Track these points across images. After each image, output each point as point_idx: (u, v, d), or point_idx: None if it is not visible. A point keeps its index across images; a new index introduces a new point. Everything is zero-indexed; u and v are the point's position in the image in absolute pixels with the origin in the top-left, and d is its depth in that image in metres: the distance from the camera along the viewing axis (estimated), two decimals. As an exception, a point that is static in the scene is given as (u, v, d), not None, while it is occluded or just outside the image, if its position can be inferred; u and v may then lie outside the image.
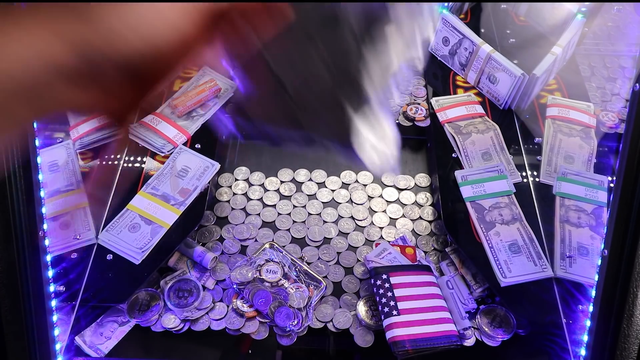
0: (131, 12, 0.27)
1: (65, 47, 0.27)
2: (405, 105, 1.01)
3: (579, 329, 0.73)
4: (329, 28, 0.34)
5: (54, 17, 0.27)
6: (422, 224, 0.90)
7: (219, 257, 0.84)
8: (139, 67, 0.29)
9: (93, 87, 0.29)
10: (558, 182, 0.88)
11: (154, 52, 0.28)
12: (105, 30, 0.27)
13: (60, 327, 0.70)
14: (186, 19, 0.28)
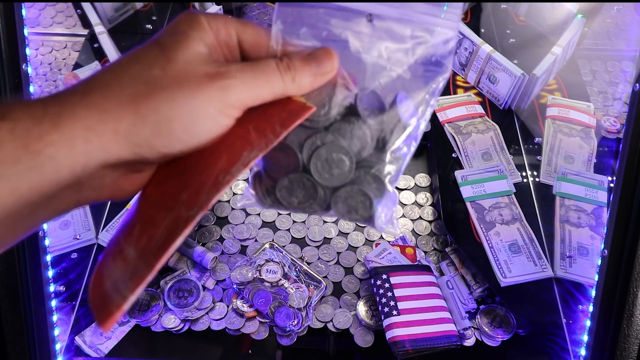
0: (190, 116, 0.30)
1: (122, 145, 0.30)
2: None
3: (579, 329, 0.73)
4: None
5: (120, 119, 0.30)
6: (422, 224, 0.90)
7: (219, 257, 0.84)
8: (178, 154, 0.32)
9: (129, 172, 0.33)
10: (558, 182, 0.88)
11: (197, 144, 0.32)
12: (165, 132, 0.30)
13: (60, 327, 0.70)
14: (226, 114, 0.32)
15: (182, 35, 0.32)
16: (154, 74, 0.31)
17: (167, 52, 0.32)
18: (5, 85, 0.61)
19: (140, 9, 1.16)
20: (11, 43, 0.62)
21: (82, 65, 1.04)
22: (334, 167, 0.36)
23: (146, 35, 1.11)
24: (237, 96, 0.31)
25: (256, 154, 0.32)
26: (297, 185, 0.37)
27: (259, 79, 0.32)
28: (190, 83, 0.31)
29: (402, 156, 0.38)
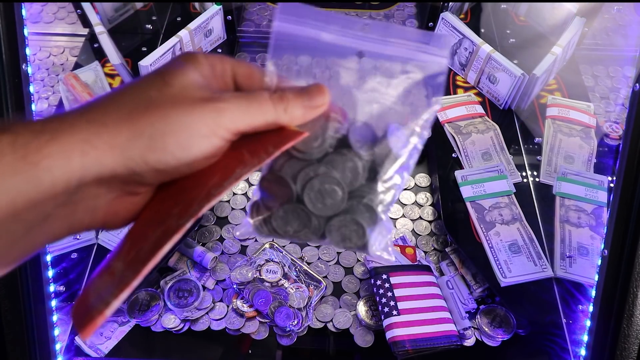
0: (184, 132, 0.32)
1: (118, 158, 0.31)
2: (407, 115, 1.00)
3: (579, 329, 0.73)
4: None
5: (117, 133, 0.31)
6: (422, 224, 0.90)
7: (219, 257, 0.84)
8: (172, 173, 0.34)
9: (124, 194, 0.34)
10: (558, 182, 0.88)
11: (190, 162, 0.33)
12: (159, 147, 0.32)
13: (60, 327, 0.71)
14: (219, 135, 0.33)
15: (179, 66, 0.34)
16: (151, 94, 0.33)
17: (165, 77, 0.34)
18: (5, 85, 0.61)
19: (140, 9, 1.16)
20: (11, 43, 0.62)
21: (82, 65, 1.04)
22: (327, 197, 0.38)
23: (146, 35, 1.11)
24: (230, 119, 0.33)
25: (248, 170, 0.34)
26: (292, 215, 0.39)
27: (252, 107, 0.34)
28: (185, 103, 0.32)
29: (394, 186, 0.39)
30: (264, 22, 1.16)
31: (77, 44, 1.13)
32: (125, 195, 0.34)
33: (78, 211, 0.32)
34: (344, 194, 0.38)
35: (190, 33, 1.01)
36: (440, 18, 1.04)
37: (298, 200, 0.38)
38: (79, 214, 0.33)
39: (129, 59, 1.04)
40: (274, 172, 0.39)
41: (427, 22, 1.10)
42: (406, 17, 1.17)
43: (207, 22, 1.04)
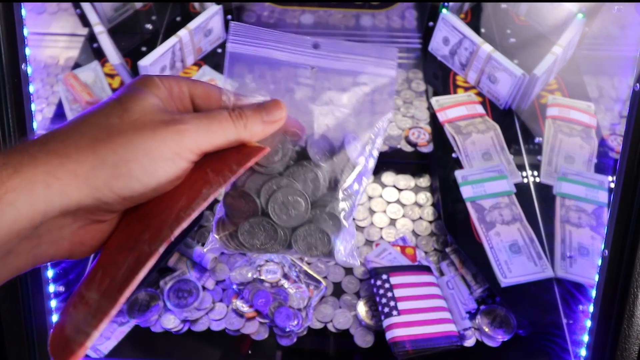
0: (147, 157, 0.32)
1: (83, 188, 0.31)
2: (407, 129, 0.97)
3: (579, 329, 0.73)
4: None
5: (80, 163, 0.31)
6: (422, 224, 0.89)
7: (218, 257, 0.84)
8: (138, 198, 0.34)
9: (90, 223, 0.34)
10: (558, 182, 0.88)
11: (156, 186, 0.34)
12: (124, 174, 0.32)
13: (59, 328, 0.70)
14: (182, 157, 0.34)
15: (136, 91, 0.35)
16: (111, 121, 0.33)
17: (123, 103, 0.34)
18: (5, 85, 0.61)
19: (139, 9, 1.16)
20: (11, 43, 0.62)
21: (81, 65, 1.04)
22: (291, 208, 0.39)
23: (146, 35, 1.11)
24: (192, 140, 0.34)
25: (215, 189, 0.34)
26: (258, 228, 0.40)
27: (212, 125, 0.35)
28: (146, 128, 0.33)
29: (354, 193, 0.41)
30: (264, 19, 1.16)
31: (76, 43, 1.13)
32: (91, 224, 0.34)
33: (42, 244, 0.32)
34: (307, 204, 0.39)
35: (190, 33, 1.01)
36: (440, 18, 1.04)
37: (263, 214, 0.40)
38: (44, 247, 0.33)
39: (128, 59, 1.04)
40: (237, 187, 0.40)
41: (427, 22, 1.10)
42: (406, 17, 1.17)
43: (206, 22, 1.04)
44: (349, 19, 1.16)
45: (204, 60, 1.07)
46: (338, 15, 1.17)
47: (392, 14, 1.18)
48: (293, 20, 1.16)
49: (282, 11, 1.17)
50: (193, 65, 1.06)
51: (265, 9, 1.18)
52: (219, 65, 1.07)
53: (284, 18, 1.16)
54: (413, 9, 1.19)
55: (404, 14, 1.18)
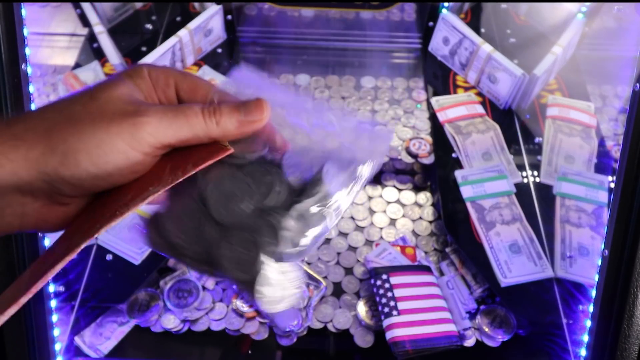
0: (98, 148, 0.32)
1: (32, 172, 0.32)
2: (407, 139, 0.95)
3: (579, 329, 0.73)
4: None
5: (32, 147, 0.32)
6: (422, 224, 0.89)
7: (218, 257, 0.83)
8: (90, 187, 0.34)
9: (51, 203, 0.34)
10: (558, 182, 0.88)
11: (107, 177, 0.33)
12: (72, 164, 0.32)
13: (60, 327, 0.70)
14: (138, 150, 0.33)
15: (116, 79, 0.35)
16: (74, 109, 0.33)
17: (93, 91, 0.34)
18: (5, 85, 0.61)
19: (139, 9, 1.16)
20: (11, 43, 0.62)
21: (81, 64, 1.04)
22: (231, 203, 0.35)
23: (146, 35, 1.11)
24: (151, 134, 0.33)
25: (159, 189, 0.33)
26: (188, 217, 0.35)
27: (177, 120, 0.34)
28: (104, 118, 0.32)
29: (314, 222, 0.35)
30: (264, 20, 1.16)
31: (76, 43, 1.13)
32: (52, 204, 0.34)
33: (6, 215, 0.33)
34: (250, 204, 0.35)
35: (190, 33, 1.01)
36: (440, 18, 1.04)
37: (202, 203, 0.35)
38: (8, 218, 0.34)
39: (128, 59, 1.04)
40: None
41: (427, 22, 1.10)
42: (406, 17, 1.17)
43: (206, 22, 1.04)
44: (348, 19, 1.16)
45: (204, 60, 1.07)
46: (338, 15, 1.17)
47: (392, 14, 1.18)
48: (293, 20, 1.16)
49: (282, 11, 1.17)
50: (193, 65, 1.06)
51: (265, 9, 1.18)
52: (219, 65, 1.07)
53: (283, 18, 1.16)
54: (413, 9, 1.19)
55: (404, 14, 1.18)
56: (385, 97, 1.04)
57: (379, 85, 1.06)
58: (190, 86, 0.37)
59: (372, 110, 1.02)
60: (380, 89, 1.06)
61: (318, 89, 1.05)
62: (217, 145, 0.35)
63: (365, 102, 1.03)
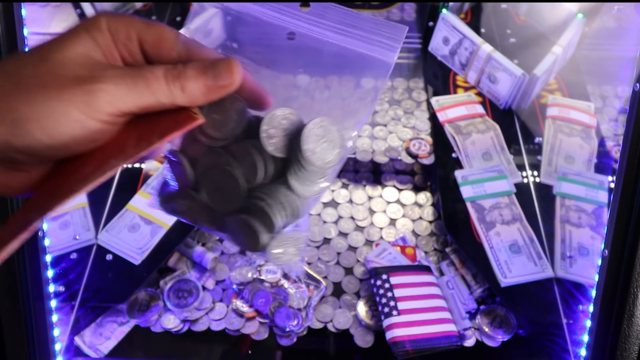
0: (49, 118, 0.29)
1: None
2: (407, 140, 0.96)
3: (579, 329, 0.73)
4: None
5: None
6: (422, 224, 0.89)
7: (218, 257, 0.84)
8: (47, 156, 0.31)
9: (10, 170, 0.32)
10: (558, 182, 0.87)
11: (63, 147, 0.31)
12: (22, 133, 0.30)
13: (60, 327, 0.70)
14: (95, 118, 0.30)
15: (71, 35, 0.31)
16: (24, 72, 0.30)
17: (45, 51, 0.31)
18: (5, 85, 0.61)
19: (139, 9, 1.16)
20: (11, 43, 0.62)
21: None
22: (224, 190, 0.34)
23: (146, 35, 1.11)
24: (108, 101, 0.30)
25: (120, 163, 0.31)
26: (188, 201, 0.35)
27: (137, 86, 0.31)
28: (55, 84, 0.30)
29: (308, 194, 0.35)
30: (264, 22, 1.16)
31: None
32: (12, 171, 0.32)
33: None
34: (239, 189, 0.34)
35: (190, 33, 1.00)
36: (440, 18, 1.04)
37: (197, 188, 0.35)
38: None
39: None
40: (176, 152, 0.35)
41: (427, 22, 1.10)
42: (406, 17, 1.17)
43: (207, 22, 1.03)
44: (349, 19, 1.16)
45: (204, 60, 1.07)
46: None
47: (392, 14, 1.18)
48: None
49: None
50: (193, 65, 1.06)
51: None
52: (219, 65, 1.07)
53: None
54: (413, 9, 1.19)
55: (404, 14, 1.18)
56: (386, 98, 1.04)
57: (379, 85, 1.06)
58: (155, 38, 0.33)
59: (373, 110, 1.02)
60: (380, 89, 1.05)
61: (318, 90, 1.05)
62: (186, 113, 0.32)
63: (365, 102, 1.02)
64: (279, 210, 0.34)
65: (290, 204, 0.35)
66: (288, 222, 0.36)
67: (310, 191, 0.35)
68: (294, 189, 0.35)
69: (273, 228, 0.35)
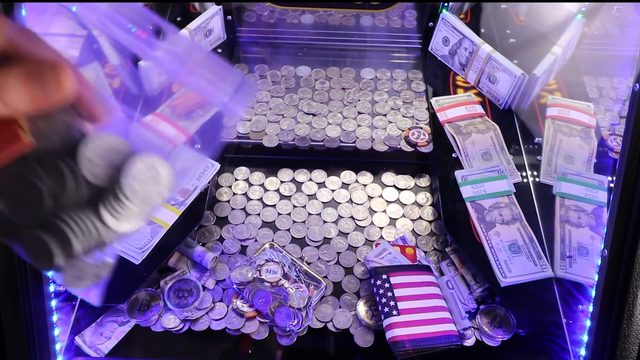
0: None
1: None
2: (407, 129, 0.97)
3: (579, 329, 0.73)
4: None
5: None
6: (422, 224, 0.90)
7: (219, 257, 0.84)
8: None
9: None
10: (558, 182, 0.88)
11: None
12: None
13: (60, 327, 0.70)
14: None
15: None
16: None
17: None
18: (5, 85, 0.61)
19: (140, 9, 1.16)
20: (11, 43, 0.62)
21: (81, 65, 1.04)
22: (26, 202, 0.31)
23: (146, 35, 1.11)
24: None
25: None
26: None
27: None
28: None
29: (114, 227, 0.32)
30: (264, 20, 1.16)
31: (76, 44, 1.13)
32: None
33: None
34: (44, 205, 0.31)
35: (190, 33, 1.01)
36: (440, 18, 1.04)
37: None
38: None
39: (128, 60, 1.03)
40: None
41: (427, 22, 1.10)
42: (406, 17, 1.17)
43: (207, 22, 1.04)
44: (348, 19, 1.16)
45: (204, 60, 1.07)
46: (338, 16, 1.17)
47: (392, 14, 1.18)
48: (293, 20, 1.16)
49: (281, 11, 1.17)
50: (193, 65, 1.06)
51: (265, 9, 1.18)
52: (219, 65, 1.07)
53: (283, 18, 1.16)
54: (413, 9, 1.19)
55: (404, 14, 1.18)
56: (385, 88, 1.05)
57: (379, 76, 1.07)
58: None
59: (372, 100, 1.03)
60: (380, 80, 1.07)
61: (319, 81, 1.06)
62: (11, 131, 0.28)
63: (365, 93, 1.04)
64: (82, 237, 0.32)
65: (98, 234, 0.32)
66: (91, 251, 0.33)
67: (123, 227, 0.33)
68: (106, 221, 0.32)
69: (71, 253, 0.32)
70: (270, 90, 1.04)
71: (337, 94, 1.04)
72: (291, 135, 0.97)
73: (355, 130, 0.98)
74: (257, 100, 1.03)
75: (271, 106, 1.02)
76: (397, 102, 1.03)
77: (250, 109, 1.01)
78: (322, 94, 1.04)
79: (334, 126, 0.98)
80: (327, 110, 1.01)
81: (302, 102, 1.02)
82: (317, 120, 0.99)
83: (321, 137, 0.97)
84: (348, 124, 0.99)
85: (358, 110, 1.01)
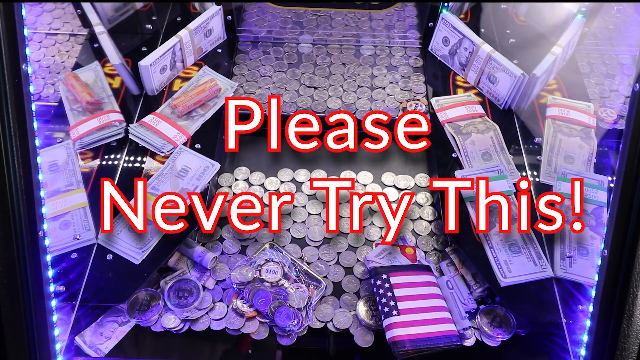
0: None
1: None
2: (405, 101, 1.01)
3: (579, 329, 0.73)
4: None
5: None
6: (422, 224, 0.90)
7: (219, 257, 0.84)
8: None
9: None
10: (558, 182, 0.88)
11: None
12: None
13: (60, 327, 0.70)
14: None
15: None
16: None
17: None
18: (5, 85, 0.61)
19: (140, 9, 1.16)
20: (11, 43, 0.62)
21: (82, 65, 1.04)
22: None
23: (146, 35, 1.11)
24: None
25: None
26: None
27: None
28: None
29: None
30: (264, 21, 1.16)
31: (77, 43, 1.13)
32: None
33: None
34: None
35: (190, 33, 1.01)
36: (440, 18, 1.04)
37: None
38: None
39: (129, 59, 1.04)
40: None
41: (427, 22, 1.10)
42: (406, 17, 1.17)
43: (207, 22, 1.04)
44: (349, 19, 1.16)
45: (204, 60, 1.08)
46: (338, 16, 1.17)
47: (392, 14, 1.18)
48: (293, 20, 1.16)
49: (281, 11, 1.17)
50: (193, 65, 1.06)
51: (265, 9, 1.18)
52: (219, 65, 1.07)
53: (284, 18, 1.16)
54: (413, 9, 1.19)
55: (404, 14, 1.18)
56: (384, 64, 1.10)
57: (378, 52, 1.12)
58: None
59: (372, 75, 1.07)
60: (379, 56, 1.11)
61: (320, 57, 1.11)
62: None
63: (364, 67, 1.09)
64: None
65: None
66: None
67: None
68: None
69: None
70: (273, 65, 1.08)
71: (338, 68, 1.08)
72: (293, 107, 1.01)
73: (355, 102, 1.02)
74: (261, 74, 1.06)
75: (274, 80, 1.06)
76: (395, 76, 1.07)
77: (254, 82, 1.05)
78: (323, 68, 1.08)
79: (335, 98, 1.03)
80: (328, 83, 1.05)
81: (304, 77, 1.06)
82: (319, 93, 1.04)
83: (322, 109, 1.01)
84: (348, 96, 1.03)
85: (358, 84, 1.05)
